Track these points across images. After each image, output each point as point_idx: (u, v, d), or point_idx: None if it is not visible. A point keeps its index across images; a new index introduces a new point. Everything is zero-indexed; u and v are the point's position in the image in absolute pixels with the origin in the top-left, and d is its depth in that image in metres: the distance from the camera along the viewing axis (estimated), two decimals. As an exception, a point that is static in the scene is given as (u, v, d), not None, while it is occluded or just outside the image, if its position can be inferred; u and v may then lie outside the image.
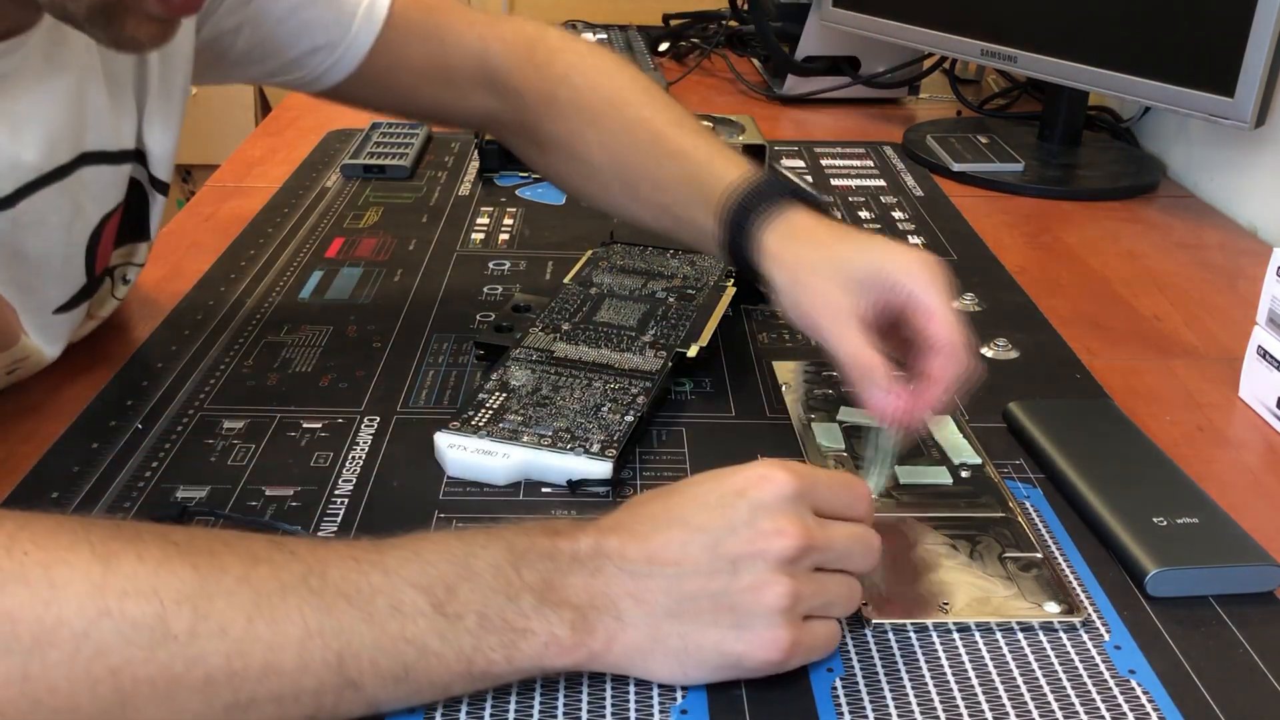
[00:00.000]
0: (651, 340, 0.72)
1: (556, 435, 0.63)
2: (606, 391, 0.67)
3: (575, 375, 0.68)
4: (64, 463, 0.64)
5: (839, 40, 1.39)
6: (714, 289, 0.79)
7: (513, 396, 0.66)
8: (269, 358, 0.75)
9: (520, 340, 0.72)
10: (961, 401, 0.72)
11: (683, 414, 0.70)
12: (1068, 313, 0.85)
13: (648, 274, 0.80)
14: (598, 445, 0.62)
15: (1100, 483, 0.61)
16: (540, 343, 0.72)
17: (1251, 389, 0.74)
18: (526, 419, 0.64)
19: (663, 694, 0.48)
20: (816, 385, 0.73)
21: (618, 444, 0.62)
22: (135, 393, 0.71)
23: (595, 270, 0.80)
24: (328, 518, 0.59)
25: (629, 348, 0.71)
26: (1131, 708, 0.48)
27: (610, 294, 0.77)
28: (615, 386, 0.67)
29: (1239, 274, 0.95)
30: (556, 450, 0.62)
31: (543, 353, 0.70)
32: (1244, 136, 1.09)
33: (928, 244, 0.97)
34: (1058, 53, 1.11)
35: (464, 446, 0.63)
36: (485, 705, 0.48)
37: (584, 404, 0.66)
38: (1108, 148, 1.24)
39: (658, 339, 0.72)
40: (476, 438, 0.63)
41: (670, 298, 0.77)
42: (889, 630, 0.52)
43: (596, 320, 0.74)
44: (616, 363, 0.70)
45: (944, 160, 1.16)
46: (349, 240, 0.95)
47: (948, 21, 1.21)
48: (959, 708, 0.48)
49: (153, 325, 0.79)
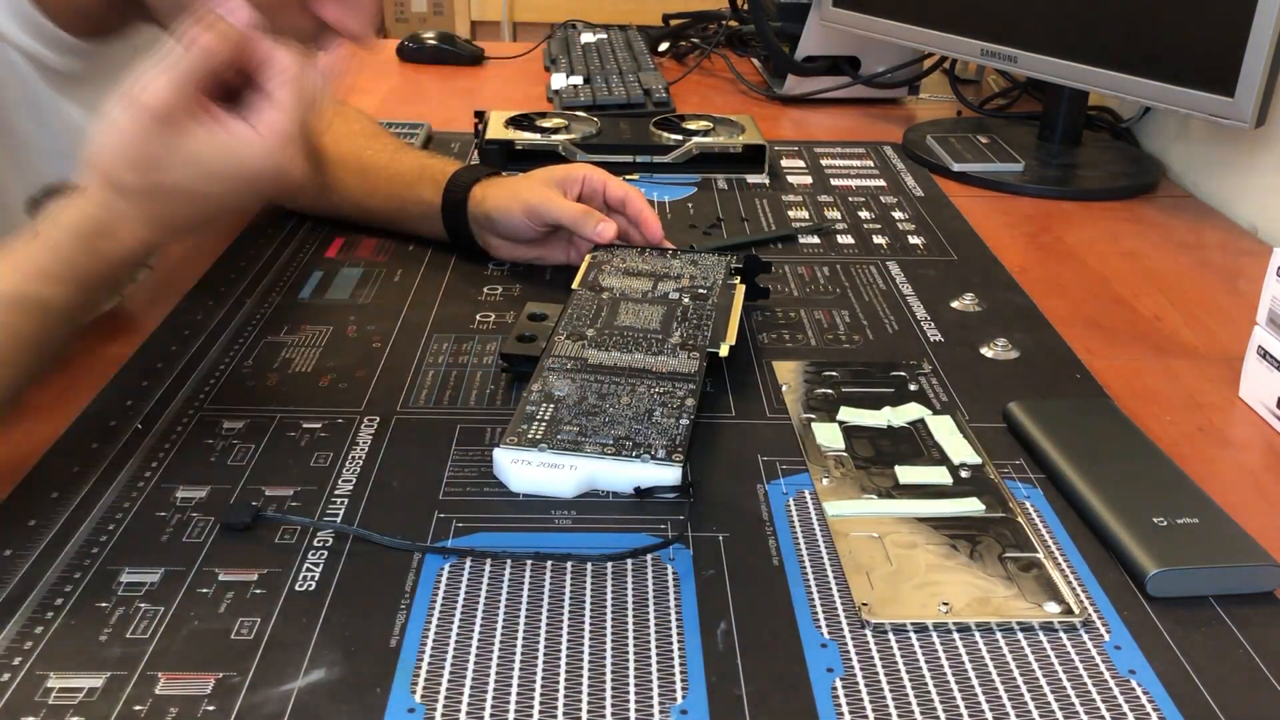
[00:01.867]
0: (680, 341, 0.72)
1: (619, 443, 0.62)
2: (654, 396, 0.66)
3: (617, 381, 0.67)
4: (64, 463, 0.64)
5: (839, 40, 1.39)
6: (725, 287, 0.79)
7: (560, 406, 0.65)
8: (269, 358, 0.75)
9: (548, 349, 0.71)
10: (962, 402, 0.72)
11: (683, 414, 0.70)
12: (1068, 313, 0.86)
13: (654, 275, 0.80)
14: (663, 450, 0.62)
15: (1100, 483, 0.61)
16: (569, 350, 0.70)
17: (1251, 389, 0.74)
18: (583, 429, 0.63)
19: (663, 694, 0.48)
20: (816, 385, 0.73)
21: (681, 448, 0.62)
22: (135, 393, 0.71)
23: (600, 274, 0.80)
24: (327, 518, 0.59)
25: (660, 350, 0.71)
26: (1131, 708, 0.48)
27: (624, 297, 0.77)
28: (661, 390, 0.67)
29: (1239, 274, 0.95)
30: (622, 458, 0.61)
31: (576, 360, 0.69)
32: (1244, 136, 1.09)
33: (928, 244, 0.97)
34: (1058, 53, 1.11)
35: (528, 461, 0.61)
36: (485, 705, 0.48)
37: (635, 410, 0.65)
38: (1108, 148, 1.24)
39: (685, 340, 0.72)
40: (538, 451, 0.61)
41: (684, 298, 0.77)
42: (889, 630, 0.52)
43: (619, 325, 0.73)
44: (653, 366, 0.69)
45: (944, 160, 1.16)
46: (349, 240, 0.95)
47: (948, 21, 1.21)
48: (959, 708, 0.48)
49: (153, 325, 0.79)
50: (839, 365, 0.76)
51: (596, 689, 0.49)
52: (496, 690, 0.48)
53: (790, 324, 0.82)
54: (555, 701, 0.48)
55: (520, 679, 0.49)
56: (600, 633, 0.52)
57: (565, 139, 1.11)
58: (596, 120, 1.17)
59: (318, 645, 0.51)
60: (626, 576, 0.56)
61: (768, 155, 1.12)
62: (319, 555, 0.57)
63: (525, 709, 0.48)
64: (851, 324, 0.82)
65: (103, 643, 0.50)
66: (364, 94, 1.42)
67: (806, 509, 0.61)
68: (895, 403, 0.71)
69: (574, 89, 1.37)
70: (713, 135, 1.14)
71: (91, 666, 0.49)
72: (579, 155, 1.10)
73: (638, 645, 0.51)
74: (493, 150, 1.10)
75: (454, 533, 0.59)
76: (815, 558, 0.57)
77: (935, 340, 0.80)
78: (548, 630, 0.52)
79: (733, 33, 1.61)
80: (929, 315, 0.84)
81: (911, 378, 0.74)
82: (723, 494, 0.62)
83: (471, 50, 1.59)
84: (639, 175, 1.11)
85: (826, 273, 0.91)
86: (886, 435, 0.68)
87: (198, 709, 0.47)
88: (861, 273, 0.91)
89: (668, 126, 1.16)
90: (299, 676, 0.49)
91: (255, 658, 0.50)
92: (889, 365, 0.76)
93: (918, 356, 0.78)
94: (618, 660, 0.50)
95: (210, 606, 0.53)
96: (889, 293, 0.87)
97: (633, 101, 1.33)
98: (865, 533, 0.59)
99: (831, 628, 0.53)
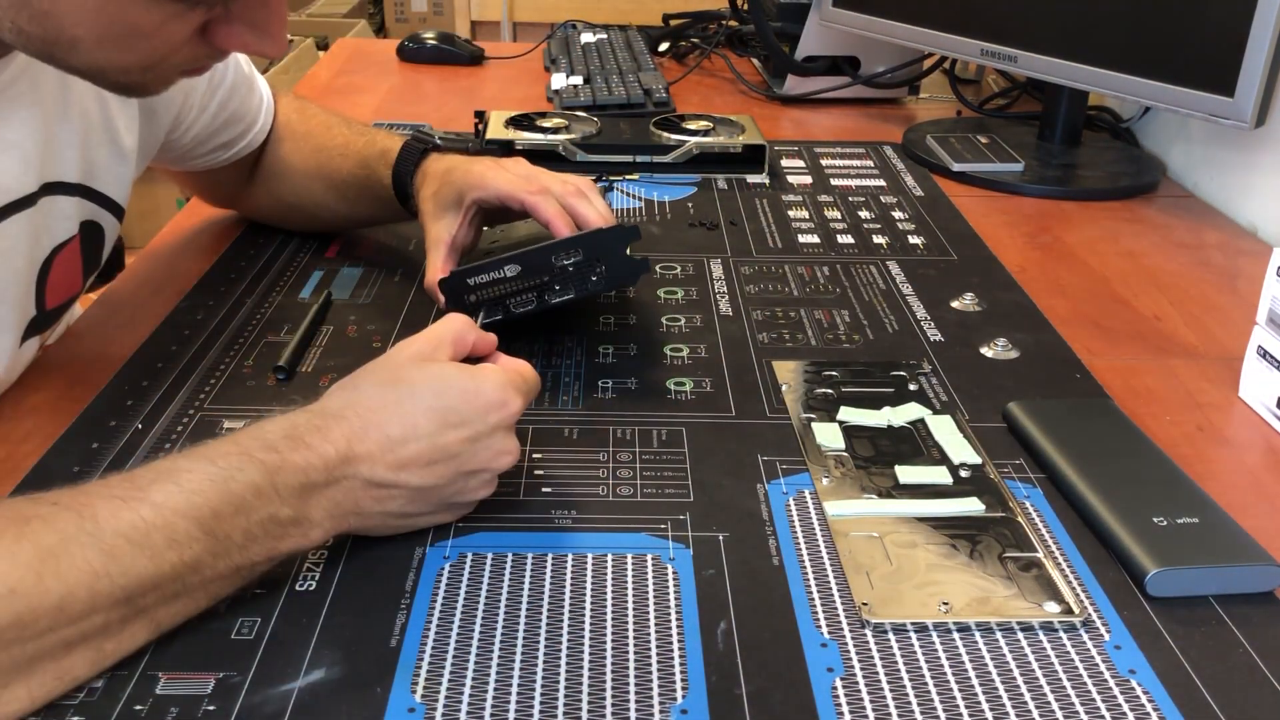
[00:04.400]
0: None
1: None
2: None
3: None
4: (64, 463, 0.64)
5: (839, 40, 1.39)
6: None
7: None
8: (269, 358, 0.75)
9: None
10: (962, 402, 0.72)
11: (683, 414, 0.70)
12: (1068, 313, 0.86)
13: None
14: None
15: (1100, 483, 0.61)
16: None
17: (1251, 389, 0.74)
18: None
19: (663, 694, 0.48)
20: (816, 385, 0.73)
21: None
22: (135, 393, 0.71)
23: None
24: (328, 518, 0.59)
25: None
26: (1131, 708, 0.48)
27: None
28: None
29: (1239, 274, 0.95)
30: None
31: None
32: (1244, 136, 1.09)
33: (927, 244, 0.97)
34: (1058, 53, 1.11)
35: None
36: (485, 704, 0.48)
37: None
38: (1108, 148, 1.24)
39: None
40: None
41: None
42: (889, 630, 0.52)
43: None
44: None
45: (944, 160, 1.16)
46: (349, 240, 0.95)
47: (948, 21, 1.21)
48: (959, 708, 0.48)
49: (153, 325, 0.79)
50: (839, 365, 0.76)
51: (596, 688, 0.49)
52: (496, 690, 0.49)
53: (790, 324, 0.82)
54: (555, 701, 0.48)
55: (520, 679, 0.49)
56: (600, 632, 0.52)
57: (565, 139, 1.11)
58: (596, 120, 1.17)
59: (318, 645, 0.51)
60: (626, 576, 0.56)
61: (768, 155, 1.12)
62: (319, 555, 0.57)
63: (525, 709, 0.48)
64: (851, 324, 0.82)
65: (103, 643, 0.50)
66: (364, 94, 1.42)
67: (806, 509, 0.61)
68: (895, 403, 0.71)
69: (574, 89, 1.37)
70: (713, 135, 1.14)
71: (92, 666, 0.49)
72: (579, 155, 1.10)
73: (638, 645, 0.51)
74: (492, 150, 1.10)
75: (454, 533, 0.59)
76: (815, 558, 0.57)
77: (935, 340, 0.80)
78: (548, 630, 0.52)
79: (733, 33, 1.61)
80: (929, 315, 0.84)
81: (911, 378, 0.74)
82: (723, 494, 0.62)
83: (471, 50, 1.59)
84: (639, 175, 1.11)
85: (826, 273, 0.91)
86: (886, 435, 0.68)
87: (198, 709, 0.47)
88: (861, 273, 0.91)
89: (668, 126, 1.16)
90: (299, 676, 0.49)
91: (255, 658, 0.50)
92: (889, 365, 0.76)
93: (918, 356, 0.78)
94: (618, 660, 0.50)
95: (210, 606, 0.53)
96: (889, 293, 0.87)
97: (633, 101, 1.33)
98: (865, 532, 0.59)
99: (831, 627, 0.53)
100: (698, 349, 0.78)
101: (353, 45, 1.72)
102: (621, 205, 1.04)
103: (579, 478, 0.64)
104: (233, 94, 0.86)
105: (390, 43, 1.64)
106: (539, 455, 0.65)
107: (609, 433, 0.68)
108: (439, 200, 0.80)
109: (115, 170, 0.75)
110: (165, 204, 2.45)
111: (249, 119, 0.89)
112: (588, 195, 0.78)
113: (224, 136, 0.87)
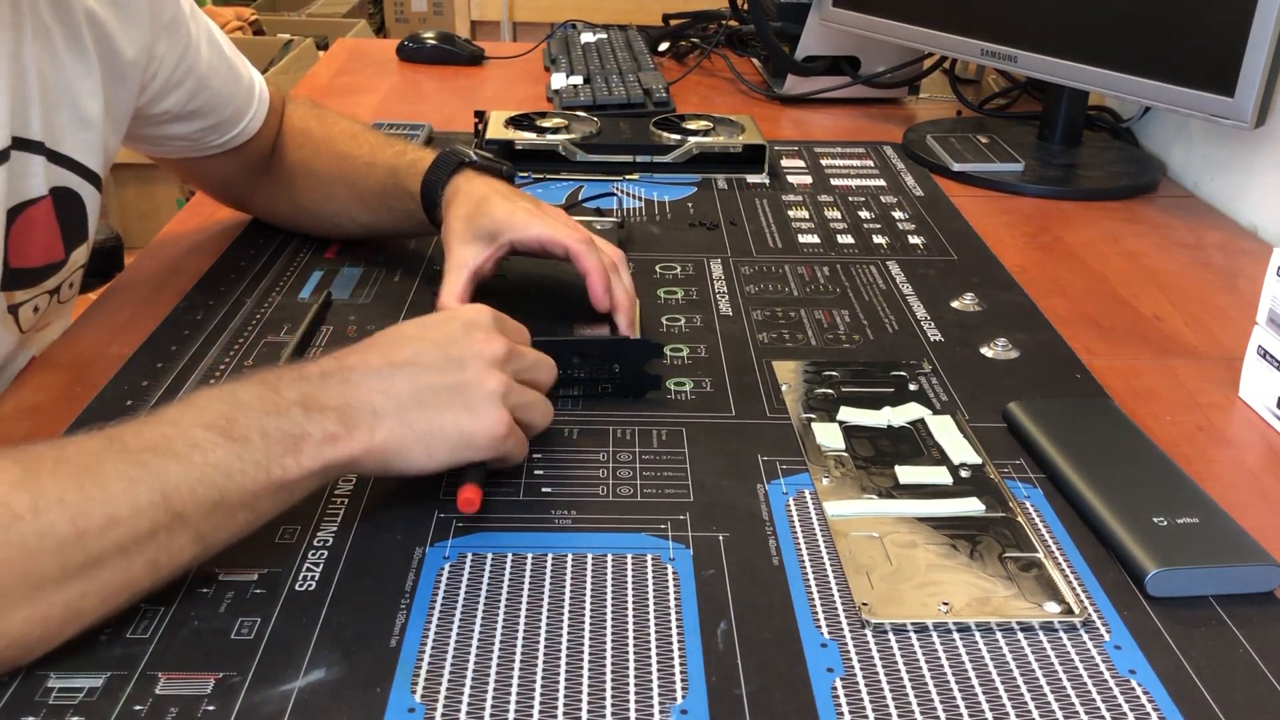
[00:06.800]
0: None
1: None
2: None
3: None
4: (64, 463, 0.63)
5: (839, 40, 1.39)
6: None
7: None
8: (269, 358, 0.75)
9: None
10: (962, 402, 0.72)
11: (683, 414, 0.70)
12: (1068, 313, 0.86)
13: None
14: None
15: (1100, 483, 0.61)
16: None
17: (1251, 389, 0.74)
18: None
19: (663, 694, 0.48)
20: (816, 385, 0.73)
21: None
22: (135, 393, 0.71)
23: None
24: (328, 518, 0.59)
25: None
26: (1131, 708, 0.48)
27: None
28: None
29: (1239, 274, 0.95)
30: None
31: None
32: (1244, 136, 1.09)
33: (927, 244, 0.97)
34: (1058, 53, 1.11)
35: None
36: (485, 704, 0.48)
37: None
38: (1108, 148, 1.24)
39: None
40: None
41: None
42: (889, 630, 0.52)
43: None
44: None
45: (944, 160, 1.16)
46: (349, 241, 0.95)
47: (948, 21, 1.21)
48: (959, 708, 0.48)
49: (153, 325, 0.79)
50: (839, 365, 0.76)
51: (597, 688, 0.49)
52: (496, 690, 0.49)
53: (790, 324, 0.82)
54: (555, 701, 0.48)
55: (520, 679, 0.49)
56: (600, 632, 0.52)
57: (565, 139, 1.11)
58: (596, 120, 1.17)
59: (318, 645, 0.51)
60: (626, 576, 0.56)
61: (768, 155, 1.12)
62: (319, 555, 0.57)
63: (525, 709, 0.48)
64: (851, 324, 0.82)
65: (103, 642, 0.50)
66: (364, 94, 1.42)
67: (806, 509, 0.61)
68: (895, 403, 0.71)
69: (574, 89, 1.37)
70: (713, 135, 1.14)
71: (91, 666, 0.49)
72: (579, 155, 1.10)
73: (638, 645, 0.51)
74: (493, 150, 1.10)
75: (454, 533, 0.59)
76: (815, 558, 0.57)
77: (935, 340, 0.80)
78: (548, 630, 0.52)
79: (733, 33, 1.61)
80: (929, 315, 0.84)
81: (911, 378, 0.74)
82: (723, 494, 0.62)
83: (471, 50, 1.59)
84: (639, 175, 1.11)
85: (826, 273, 0.91)
86: (886, 435, 0.68)
87: (198, 709, 0.47)
88: (861, 273, 0.91)
89: (668, 126, 1.16)
90: (299, 676, 0.49)
91: (255, 658, 0.50)
92: (889, 365, 0.76)
93: (918, 356, 0.78)
94: (618, 660, 0.50)
95: (210, 606, 0.53)
96: (889, 293, 0.87)
97: (633, 101, 1.33)
98: (865, 533, 0.59)
99: (831, 628, 0.53)
100: (698, 349, 0.78)
101: (352, 45, 1.72)
102: (621, 205, 1.04)
103: (579, 478, 0.64)
104: (212, 73, 0.85)
105: (390, 43, 1.64)
106: (539, 455, 0.65)
107: (609, 433, 0.68)
108: (472, 226, 0.78)
109: (81, 135, 0.75)
110: (165, 204, 2.45)
111: (237, 103, 0.87)
112: (620, 270, 0.77)
113: (211, 119, 0.86)
